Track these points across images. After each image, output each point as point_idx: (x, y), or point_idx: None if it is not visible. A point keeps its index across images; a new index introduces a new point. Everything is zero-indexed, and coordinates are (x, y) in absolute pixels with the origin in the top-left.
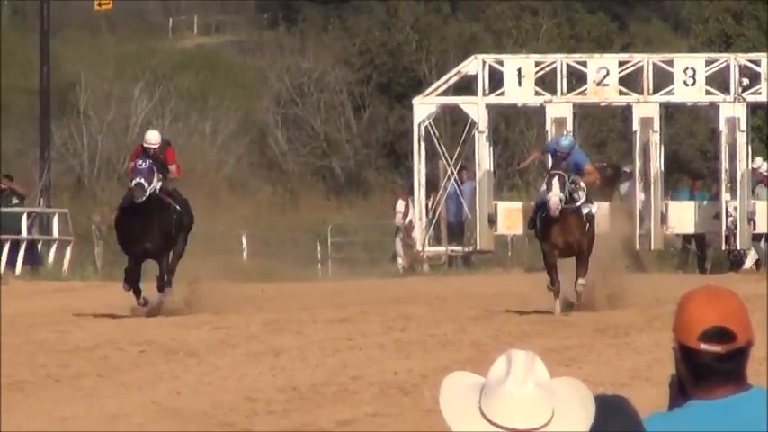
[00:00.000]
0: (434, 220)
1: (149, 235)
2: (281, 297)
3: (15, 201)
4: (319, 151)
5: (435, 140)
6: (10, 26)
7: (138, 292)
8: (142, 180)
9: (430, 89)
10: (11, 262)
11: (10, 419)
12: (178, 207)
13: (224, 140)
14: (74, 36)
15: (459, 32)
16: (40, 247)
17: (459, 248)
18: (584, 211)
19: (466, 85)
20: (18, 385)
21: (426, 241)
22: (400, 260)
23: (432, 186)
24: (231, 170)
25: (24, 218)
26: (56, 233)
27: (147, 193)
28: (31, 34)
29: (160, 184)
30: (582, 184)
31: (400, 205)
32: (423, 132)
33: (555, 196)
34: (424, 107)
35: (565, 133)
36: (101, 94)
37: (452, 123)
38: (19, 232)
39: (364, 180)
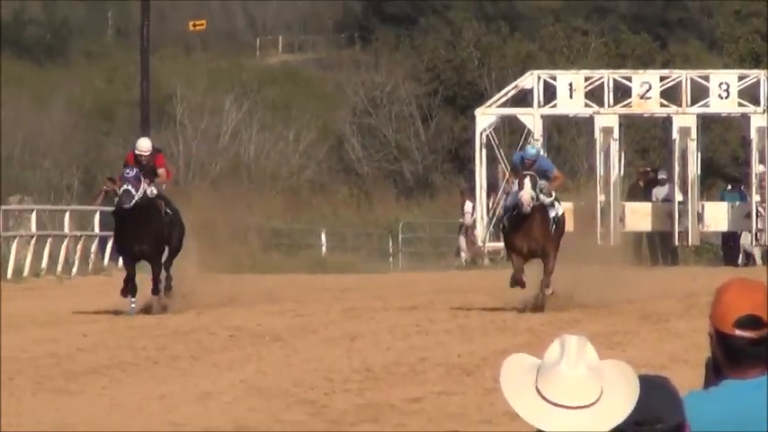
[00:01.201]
0: (494, 219)
1: (142, 237)
2: (357, 287)
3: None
4: (391, 157)
5: (495, 147)
6: (115, 45)
7: (133, 293)
8: (129, 187)
9: (490, 101)
10: (114, 256)
11: (116, 395)
12: (170, 211)
13: (305, 147)
14: (171, 53)
15: (516, 51)
16: None
17: None
18: (552, 213)
19: (522, 98)
20: (121, 366)
21: (487, 238)
22: (463, 254)
23: (491, 188)
24: (312, 174)
25: None
26: None
27: (135, 199)
28: (133, 52)
29: (152, 188)
30: (549, 187)
31: (468, 206)
32: (484, 140)
33: (527, 193)
34: (485, 117)
35: (531, 142)
36: (195, 105)
37: (510, 132)
38: None
39: (431, 182)
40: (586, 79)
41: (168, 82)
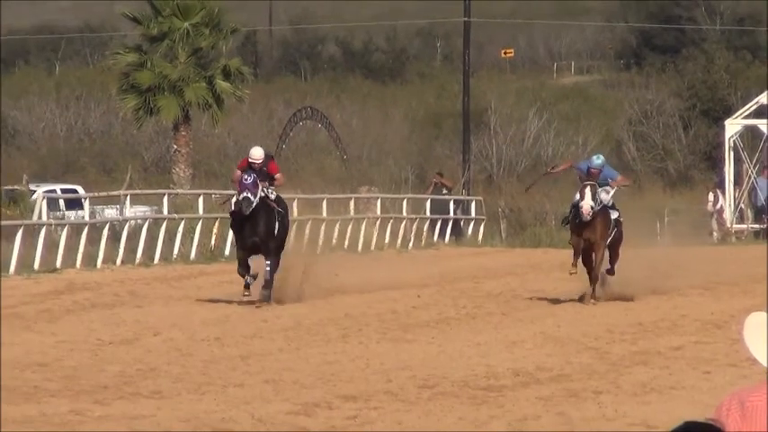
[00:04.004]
0: (739, 206)
1: (257, 232)
2: (626, 261)
3: (445, 191)
4: (659, 157)
5: (740, 150)
6: (442, 68)
7: (247, 271)
8: (249, 194)
9: (737, 114)
10: (442, 234)
11: (442, 344)
12: (281, 210)
13: (592, 149)
14: (486, 75)
15: (758, 74)
16: (462, 223)
17: (756, 226)
18: (613, 216)
19: (763, 111)
20: (446, 320)
21: (733, 221)
22: (715, 234)
23: (738, 182)
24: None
25: (451, 203)
26: (473, 214)
27: (254, 205)
28: (456, 74)
29: (270, 190)
30: (614, 183)
31: (710, 196)
32: (732, 144)
33: (587, 204)
34: (733, 126)
35: (597, 154)
36: (505, 116)
37: (752, 138)
38: (447, 213)
39: (690, 177)
40: None
41: (484, 97)
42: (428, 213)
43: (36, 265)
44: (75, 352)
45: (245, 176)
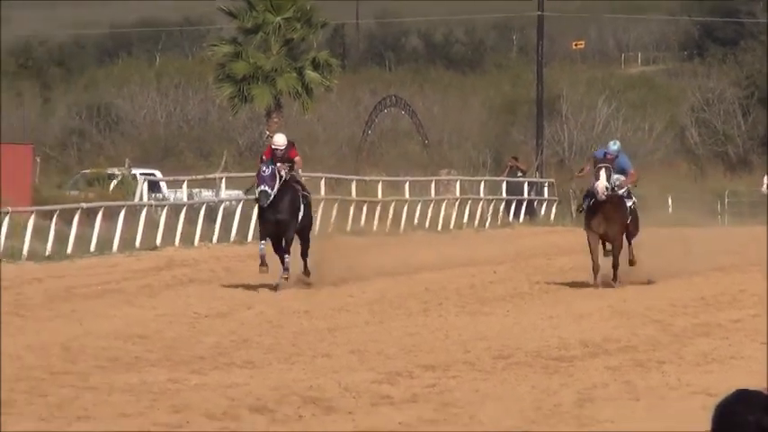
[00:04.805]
0: None
1: (281, 209)
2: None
3: (520, 174)
4: (720, 142)
5: None
6: (518, 59)
7: (264, 261)
8: (266, 187)
9: None
10: (517, 214)
11: (516, 316)
12: (306, 193)
13: (657, 135)
14: (558, 65)
15: None
16: (535, 204)
17: None
18: (628, 203)
19: None
20: (520, 295)
21: None
22: None
23: None
24: (661, 154)
25: (525, 185)
26: (546, 195)
27: (272, 197)
28: (531, 64)
29: (291, 173)
30: (623, 182)
31: (765, 179)
32: None
33: (602, 183)
34: None
35: (614, 140)
36: (576, 103)
37: None
38: (522, 194)
39: (749, 161)
40: None
41: (556, 86)
42: (504, 195)
43: (137, 244)
44: (174, 324)
45: (264, 168)
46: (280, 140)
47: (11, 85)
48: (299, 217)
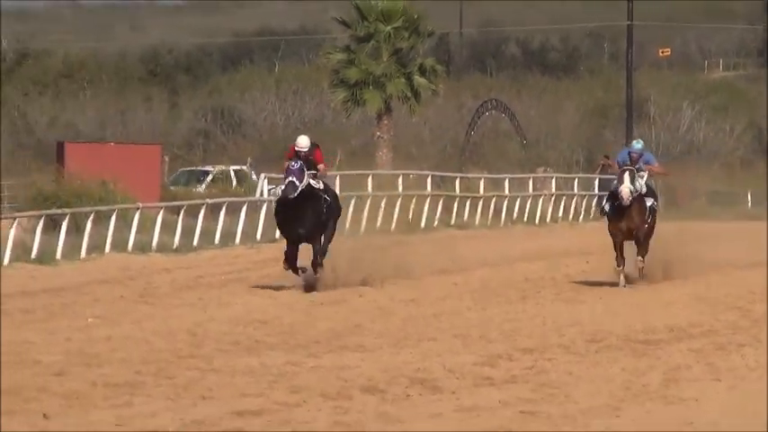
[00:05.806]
0: None
1: (303, 221)
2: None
3: (611, 171)
4: None
5: None
6: (609, 65)
7: (296, 270)
8: (294, 179)
9: None
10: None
11: (608, 303)
12: (328, 198)
13: (737, 135)
14: (647, 71)
15: None
16: None
17: None
18: (648, 203)
19: None
20: (610, 284)
21: None
22: None
23: None
24: (741, 153)
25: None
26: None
27: (299, 190)
28: (621, 70)
29: (313, 179)
30: (651, 170)
31: None
32: None
33: (626, 188)
34: None
35: (637, 139)
36: (663, 106)
37: None
38: None
39: None
40: None
41: (644, 90)
42: (596, 191)
43: (258, 236)
44: (292, 311)
45: (292, 163)
46: (303, 142)
47: (140, 91)
48: (324, 223)
